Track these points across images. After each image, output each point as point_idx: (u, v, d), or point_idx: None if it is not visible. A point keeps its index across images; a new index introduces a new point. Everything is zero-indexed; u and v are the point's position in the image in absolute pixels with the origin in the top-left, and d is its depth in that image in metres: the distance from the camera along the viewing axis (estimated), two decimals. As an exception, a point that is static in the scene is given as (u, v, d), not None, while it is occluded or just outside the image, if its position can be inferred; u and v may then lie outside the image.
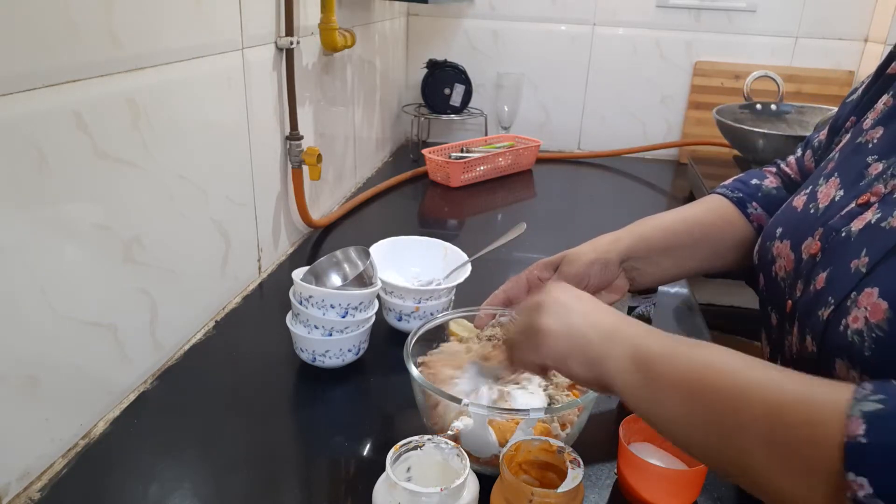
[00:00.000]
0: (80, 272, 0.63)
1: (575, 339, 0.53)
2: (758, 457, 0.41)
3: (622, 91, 1.76)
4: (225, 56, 0.85)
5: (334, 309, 0.74)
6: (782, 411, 0.40)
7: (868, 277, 0.50)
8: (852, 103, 0.70)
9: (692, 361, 0.47)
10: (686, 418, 0.46)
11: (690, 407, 0.45)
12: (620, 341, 0.51)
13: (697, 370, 0.46)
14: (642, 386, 0.48)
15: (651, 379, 0.48)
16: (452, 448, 0.53)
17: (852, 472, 0.36)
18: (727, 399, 0.43)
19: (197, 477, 0.62)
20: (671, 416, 0.47)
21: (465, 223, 1.33)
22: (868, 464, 0.36)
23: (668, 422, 0.47)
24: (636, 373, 0.49)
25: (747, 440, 0.42)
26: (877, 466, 0.35)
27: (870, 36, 1.62)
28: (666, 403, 0.47)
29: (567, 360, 0.53)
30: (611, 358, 0.51)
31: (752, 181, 0.79)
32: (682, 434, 0.47)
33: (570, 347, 0.53)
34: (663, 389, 0.47)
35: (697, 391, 0.45)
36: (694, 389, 0.45)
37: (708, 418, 0.44)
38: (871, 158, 0.59)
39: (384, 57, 1.58)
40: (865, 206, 0.55)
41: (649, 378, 0.48)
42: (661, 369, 0.48)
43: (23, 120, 0.55)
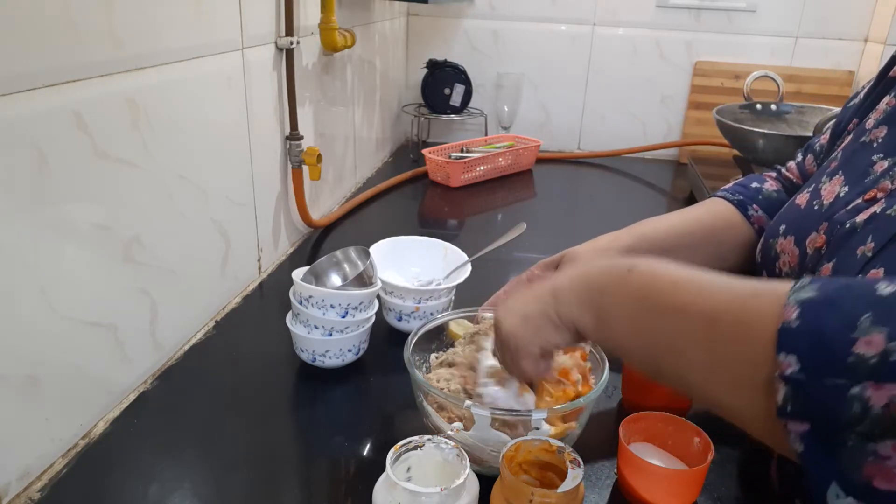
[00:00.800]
0: (80, 272, 0.63)
1: (536, 316, 0.55)
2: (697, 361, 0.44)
3: (622, 91, 1.76)
4: (225, 56, 0.85)
5: (334, 309, 0.74)
6: (719, 315, 0.43)
7: (873, 260, 0.51)
8: (854, 107, 0.71)
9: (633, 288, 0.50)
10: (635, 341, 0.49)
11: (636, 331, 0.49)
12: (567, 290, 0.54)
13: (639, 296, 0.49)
14: (597, 325, 0.52)
15: (602, 317, 0.51)
16: (452, 448, 0.53)
17: (783, 353, 0.37)
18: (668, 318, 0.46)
19: (197, 477, 0.62)
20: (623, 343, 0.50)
21: (465, 223, 1.33)
22: (797, 344, 0.37)
23: (621, 349, 0.51)
24: (590, 315, 0.52)
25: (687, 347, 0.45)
26: (803, 345, 0.37)
27: (870, 36, 1.62)
28: (618, 335, 0.50)
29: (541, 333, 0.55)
30: (567, 311, 0.53)
31: (752, 184, 0.80)
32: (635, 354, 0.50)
33: (537, 325, 0.55)
34: (613, 324, 0.50)
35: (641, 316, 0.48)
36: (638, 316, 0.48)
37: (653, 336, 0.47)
38: (877, 156, 0.59)
39: (384, 57, 1.58)
40: (872, 202, 0.56)
41: (601, 318, 0.51)
42: (607, 304, 0.51)
43: (23, 120, 0.55)
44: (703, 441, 0.59)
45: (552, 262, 0.74)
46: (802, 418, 0.37)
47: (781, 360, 0.37)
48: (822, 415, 0.36)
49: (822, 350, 0.36)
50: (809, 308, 0.38)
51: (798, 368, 0.37)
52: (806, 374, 0.36)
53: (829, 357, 0.36)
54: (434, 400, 0.62)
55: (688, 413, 0.69)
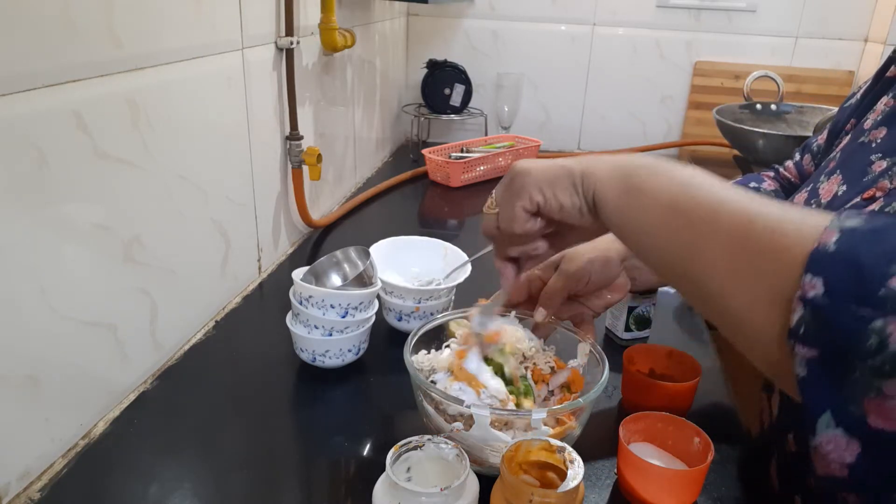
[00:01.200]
0: (80, 272, 0.63)
1: (556, 168, 0.54)
2: (715, 261, 0.42)
3: (622, 91, 1.76)
4: (225, 56, 0.85)
5: (334, 309, 0.74)
6: (753, 221, 0.41)
7: None
8: (851, 107, 0.71)
9: (675, 175, 0.48)
10: (660, 226, 0.47)
11: (666, 215, 0.47)
12: (605, 160, 0.52)
13: (678, 182, 0.47)
14: (624, 193, 0.50)
15: (633, 187, 0.49)
16: (452, 448, 0.53)
17: (810, 274, 0.37)
18: (703, 208, 0.44)
19: (197, 477, 0.62)
20: (646, 224, 0.48)
21: (465, 223, 1.33)
22: (829, 267, 0.36)
23: (641, 232, 0.49)
24: (619, 182, 0.50)
25: (710, 245, 0.43)
26: (835, 270, 0.36)
27: (870, 36, 1.62)
28: (644, 212, 0.48)
29: (553, 186, 0.53)
30: (595, 173, 0.52)
31: (750, 184, 0.80)
32: (652, 243, 0.48)
33: (555, 175, 0.53)
34: (643, 198, 0.49)
35: (676, 200, 0.46)
36: (673, 198, 0.47)
37: (680, 225, 0.46)
38: (875, 156, 0.59)
39: (384, 57, 1.58)
40: (870, 201, 0.56)
41: (632, 187, 0.49)
42: (644, 180, 0.49)
43: (23, 120, 0.55)
44: (703, 441, 0.59)
45: (552, 263, 0.74)
46: (813, 343, 0.36)
47: (807, 281, 0.37)
48: (836, 342, 0.36)
49: (853, 277, 0.35)
50: (851, 235, 0.37)
51: (822, 292, 0.36)
52: (830, 298, 0.36)
53: (859, 285, 0.35)
54: (433, 400, 0.62)
55: (688, 413, 0.69)
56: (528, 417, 0.59)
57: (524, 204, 0.55)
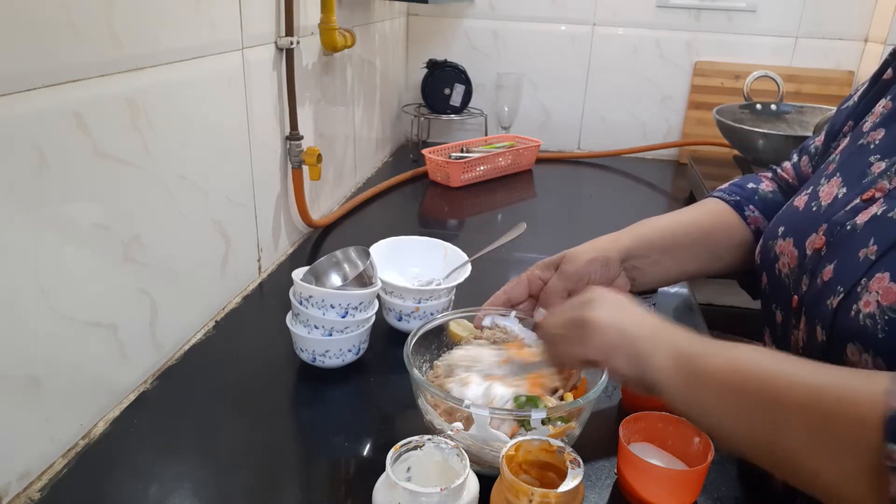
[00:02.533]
0: (80, 272, 0.63)
1: (624, 335, 0.55)
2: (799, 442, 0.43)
3: (622, 91, 1.76)
4: (225, 56, 0.85)
5: (334, 309, 0.74)
6: (822, 395, 0.42)
7: (878, 263, 0.51)
8: (848, 109, 0.71)
9: (731, 359, 0.49)
10: (728, 413, 0.48)
11: (731, 401, 0.48)
12: (664, 340, 0.54)
13: (737, 366, 0.48)
14: (685, 384, 0.51)
15: (693, 376, 0.51)
16: (452, 448, 0.53)
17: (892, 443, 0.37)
18: (766, 388, 0.45)
19: (197, 477, 0.62)
20: (713, 412, 0.49)
21: (465, 223, 1.33)
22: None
23: (709, 417, 0.50)
24: (678, 370, 0.52)
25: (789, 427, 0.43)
26: None
27: (870, 36, 1.62)
28: (708, 400, 0.50)
29: (614, 353, 0.55)
30: (655, 356, 0.53)
31: (748, 185, 0.80)
32: (723, 426, 0.49)
33: (619, 342, 0.55)
34: (705, 386, 0.50)
35: (738, 385, 0.47)
36: (735, 384, 0.48)
37: (749, 410, 0.46)
38: (874, 158, 0.60)
39: (384, 57, 1.58)
40: (870, 202, 0.56)
41: (691, 375, 0.51)
42: (702, 367, 0.51)
43: (23, 120, 0.55)
44: (703, 441, 0.59)
45: (552, 263, 0.74)
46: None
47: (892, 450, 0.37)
48: None
49: None
50: None
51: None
52: None
53: None
54: (433, 400, 0.62)
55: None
56: (527, 417, 0.58)
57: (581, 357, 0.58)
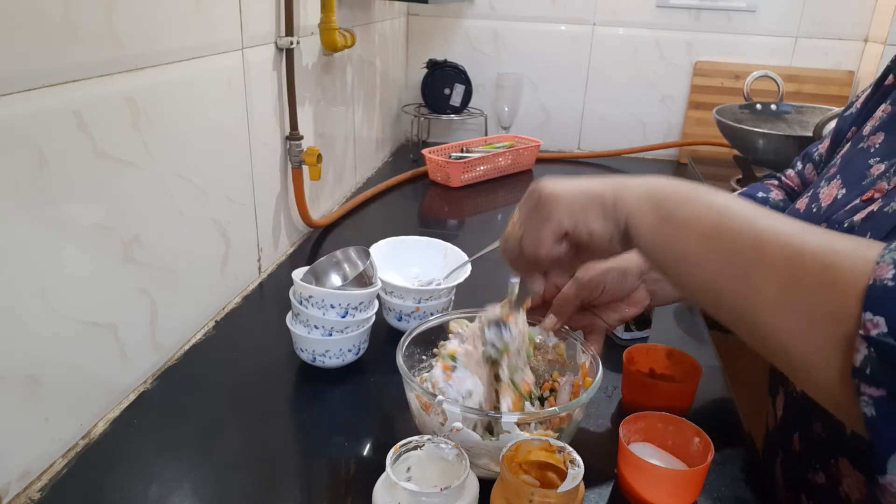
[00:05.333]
0: (80, 272, 0.63)
1: (587, 193, 0.52)
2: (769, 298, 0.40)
3: (622, 91, 1.76)
4: (225, 56, 0.85)
5: (334, 309, 0.74)
6: (802, 254, 0.40)
7: None
8: (852, 116, 0.72)
9: (710, 203, 0.46)
10: (701, 256, 0.45)
11: (707, 245, 0.45)
12: (635, 186, 0.51)
13: (715, 210, 0.45)
14: (659, 223, 0.48)
15: (668, 216, 0.48)
16: (452, 448, 0.53)
17: (870, 312, 0.35)
18: (745, 238, 0.43)
19: (197, 477, 0.62)
20: (686, 254, 0.46)
21: (465, 223, 1.33)
22: (890, 305, 0.35)
23: (681, 261, 0.47)
24: (650, 212, 0.49)
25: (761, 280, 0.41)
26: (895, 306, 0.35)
27: (870, 36, 1.62)
28: (682, 241, 0.47)
29: (585, 213, 0.51)
30: (627, 201, 0.50)
31: (758, 194, 0.80)
32: (694, 273, 0.46)
33: (585, 201, 0.52)
34: (680, 227, 0.47)
35: (715, 229, 0.45)
36: (712, 227, 0.45)
37: (723, 256, 0.44)
38: (874, 160, 0.60)
39: (384, 57, 1.58)
40: (869, 202, 0.56)
41: (666, 216, 0.48)
42: (678, 208, 0.47)
43: (23, 120, 0.55)
44: (703, 441, 0.59)
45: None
46: (880, 383, 0.35)
47: (867, 319, 0.35)
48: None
49: None
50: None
51: (886, 331, 0.35)
52: (893, 336, 0.35)
53: None
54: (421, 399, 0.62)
55: (688, 413, 0.69)
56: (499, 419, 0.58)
57: (553, 229, 0.53)
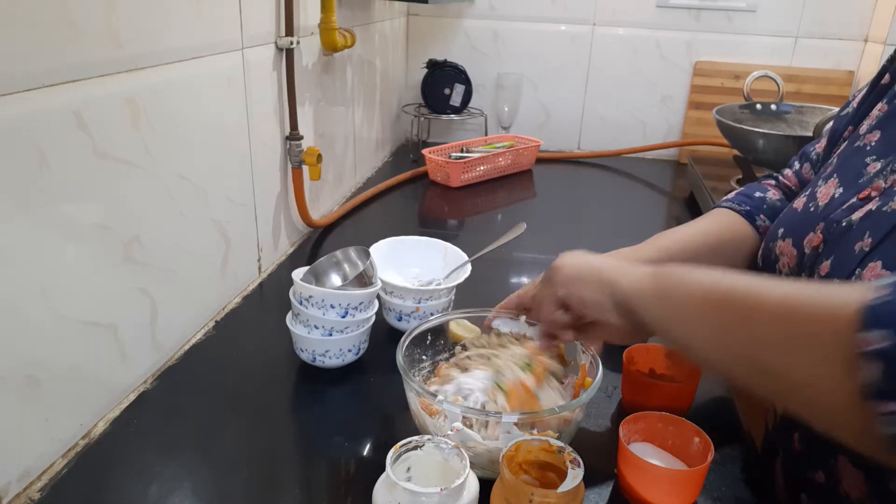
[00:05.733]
0: (80, 272, 0.63)
1: (589, 267, 0.59)
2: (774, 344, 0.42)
3: (622, 91, 1.76)
4: (225, 56, 0.85)
5: (334, 309, 0.74)
6: (797, 300, 0.42)
7: (871, 254, 0.52)
8: (849, 115, 0.72)
9: (706, 275, 0.50)
10: (703, 324, 0.48)
11: (707, 311, 0.48)
12: (633, 269, 0.56)
13: (712, 281, 0.49)
14: (658, 298, 0.52)
15: (667, 291, 0.52)
16: (452, 448, 0.53)
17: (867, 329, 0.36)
18: (742, 299, 0.45)
19: (197, 477, 0.62)
20: (687, 322, 0.50)
21: (465, 223, 1.33)
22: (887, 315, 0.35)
23: (683, 331, 0.51)
24: (652, 287, 0.53)
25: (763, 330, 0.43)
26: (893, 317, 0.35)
27: (870, 36, 1.62)
28: (683, 312, 0.50)
29: (579, 283, 0.58)
30: (624, 280, 0.55)
31: (755, 194, 0.80)
32: (699, 335, 0.49)
33: (580, 274, 0.58)
34: (679, 299, 0.51)
35: (713, 296, 0.48)
36: (710, 295, 0.48)
37: (724, 313, 0.47)
38: (870, 158, 0.60)
39: (384, 57, 1.58)
40: (866, 200, 0.57)
41: (665, 291, 0.52)
42: (676, 283, 0.51)
43: (23, 120, 0.55)
44: (703, 441, 0.59)
45: None
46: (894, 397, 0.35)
47: (866, 337, 0.36)
48: None
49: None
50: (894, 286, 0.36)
51: (891, 343, 0.34)
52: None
53: None
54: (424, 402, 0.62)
55: (688, 413, 0.69)
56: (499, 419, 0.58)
57: (549, 295, 0.60)
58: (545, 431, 0.60)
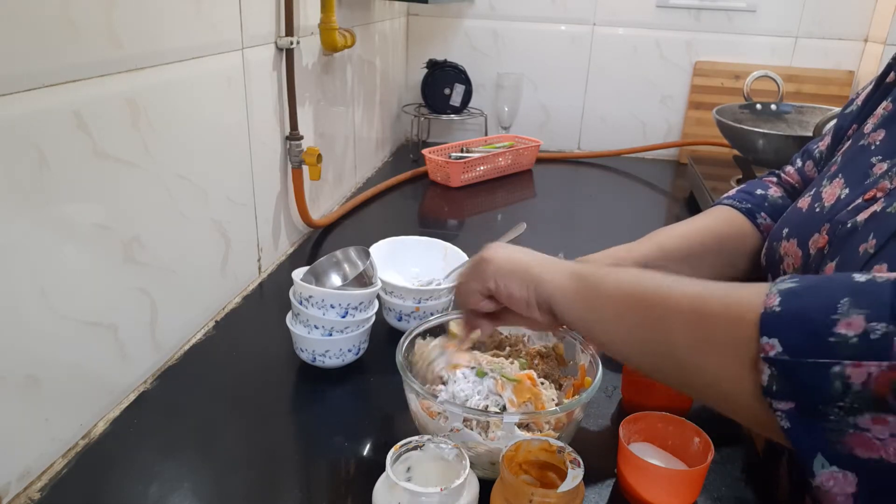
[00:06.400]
0: (80, 272, 0.63)
1: (515, 263, 0.59)
2: (685, 343, 0.46)
3: (622, 91, 1.76)
4: (225, 56, 0.85)
5: (334, 309, 0.74)
6: (705, 298, 0.46)
7: (876, 256, 0.52)
8: (853, 113, 0.71)
9: (624, 275, 0.53)
10: (621, 322, 0.51)
11: (624, 310, 0.51)
12: (558, 267, 0.58)
13: (630, 280, 0.52)
14: (579, 297, 0.55)
15: (588, 290, 0.54)
16: (452, 448, 0.53)
17: (766, 336, 0.40)
18: (655, 295, 0.49)
19: (197, 477, 0.62)
20: (605, 317, 0.53)
21: (465, 223, 1.33)
22: (779, 327, 0.40)
23: (602, 329, 0.53)
24: (573, 286, 0.55)
25: (673, 326, 0.47)
26: (786, 329, 0.40)
27: (870, 36, 1.62)
28: (602, 311, 0.53)
29: (506, 278, 0.59)
30: (548, 278, 0.57)
31: (756, 191, 0.80)
32: (614, 332, 0.52)
33: (511, 269, 0.59)
34: (599, 299, 0.53)
35: (630, 296, 0.51)
36: (627, 295, 0.51)
37: (638, 313, 0.50)
38: (875, 159, 0.60)
39: (384, 57, 1.58)
40: (872, 201, 0.56)
41: (586, 290, 0.54)
42: (596, 283, 0.54)
43: (23, 120, 0.55)
44: (703, 441, 0.59)
45: None
46: (787, 397, 0.40)
47: (764, 343, 0.40)
48: (806, 393, 0.39)
49: (804, 332, 0.39)
50: (791, 295, 0.41)
51: (781, 350, 0.39)
52: (789, 355, 0.39)
53: (811, 338, 0.39)
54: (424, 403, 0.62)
55: (688, 413, 0.69)
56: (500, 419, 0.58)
57: (478, 287, 0.61)
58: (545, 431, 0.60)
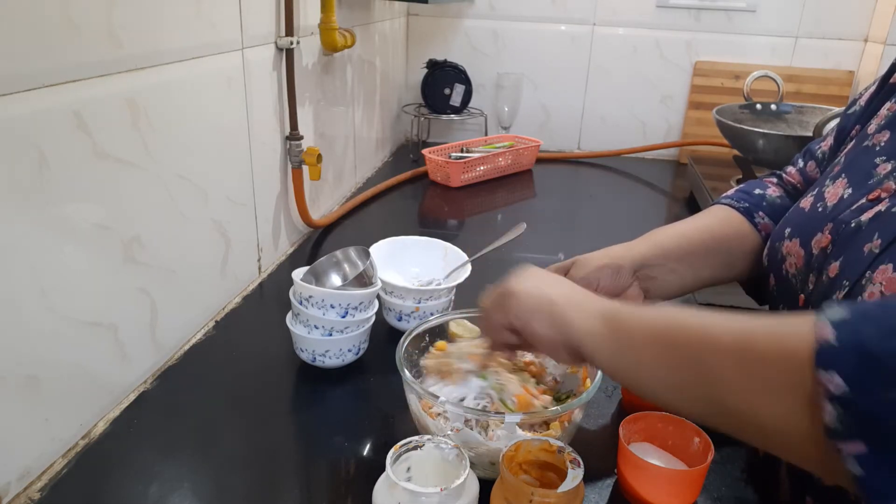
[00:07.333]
0: (80, 272, 0.63)
1: (541, 300, 0.55)
2: (732, 385, 0.42)
3: (622, 91, 1.76)
4: (225, 56, 0.85)
5: (334, 309, 0.74)
6: (751, 338, 0.42)
7: (881, 256, 0.51)
8: (856, 113, 0.71)
9: (658, 315, 0.49)
10: (657, 365, 0.47)
11: (660, 352, 0.47)
12: (587, 307, 0.54)
13: (664, 320, 0.48)
14: (611, 341, 0.51)
15: (619, 333, 0.50)
16: (452, 448, 0.53)
17: (823, 370, 0.36)
18: (696, 338, 0.45)
19: (197, 477, 0.62)
20: (641, 365, 0.48)
21: (465, 223, 1.33)
22: (839, 361, 0.36)
23: (638, 375, 0.49)
24: (604, 329, 0.51)
25: (718, 366, 0.43)
26: (848, 362, 0.36)
27: (870, 36, 1.62)
28: (635, 354, 0.49)
29: (531, 318, 0.55)
30: (577, 319, 0.53)
31: (754, 191, 0.80)
32: (654, 377, 0.48)
33: (536, 307, 0.55)
34: (632, 341, 0.49)
35: (666, 337, 0.47)
36: (662, 336, 0.47)
37: (677, 354, 0.46)
38: (880, 159, 0.60)
39: (384, 57, 1.58)
40: (876, 202, 0.56)
41: (617, 333, 0.50)
42: (628, 324, 0.50)
43: (23, 120, 0.55)
44: (703, 441, 0.59)
45: (562, 268, 0.73)
46: (857, 438, 0.35)
47: (823, 378, 0.36)
48: (879, 431, 0.35)
49: (867, 364, 0.35)
50: (844, 325, 0.37)
51: (844, 386, 0.35)
52: (854, 390, 0.35)
53: (876, 370, 0.35)
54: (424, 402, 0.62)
55: (688, 413, 0.69)
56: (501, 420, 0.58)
57: (502, 321, 0.58)
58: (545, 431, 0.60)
